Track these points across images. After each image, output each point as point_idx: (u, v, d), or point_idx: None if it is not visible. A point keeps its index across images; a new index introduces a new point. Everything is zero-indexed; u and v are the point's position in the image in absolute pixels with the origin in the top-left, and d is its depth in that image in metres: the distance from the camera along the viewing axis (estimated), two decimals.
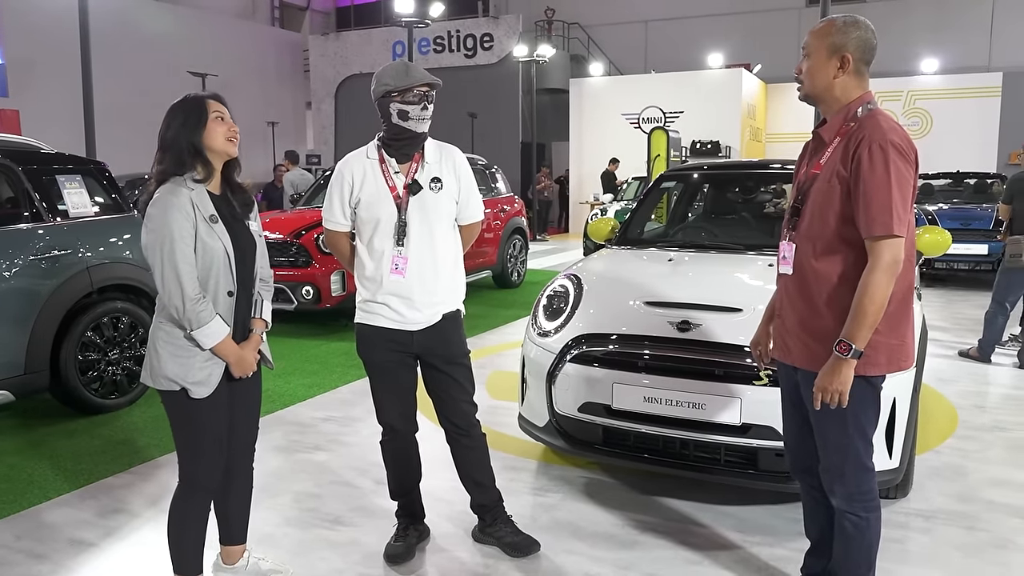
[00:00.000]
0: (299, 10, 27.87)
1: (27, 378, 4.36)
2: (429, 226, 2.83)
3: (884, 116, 2.23)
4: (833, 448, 2.33)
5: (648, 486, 3.66)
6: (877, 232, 2.11)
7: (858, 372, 2.19)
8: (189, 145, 2.32)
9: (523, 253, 10.36)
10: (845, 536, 2.39)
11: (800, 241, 2.31)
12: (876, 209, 2.11)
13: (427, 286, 2.84)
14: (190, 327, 2.30)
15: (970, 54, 19.31)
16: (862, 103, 2.24)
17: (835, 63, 2.23)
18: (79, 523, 3.35)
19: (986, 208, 10.04)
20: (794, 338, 2.36)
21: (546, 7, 22.41)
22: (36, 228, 4.48)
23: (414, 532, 3.11)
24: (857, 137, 2.17)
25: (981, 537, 3.20)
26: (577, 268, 4.16)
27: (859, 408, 2.27)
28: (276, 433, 4.47)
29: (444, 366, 2.92)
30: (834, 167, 2.21)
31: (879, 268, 2.12)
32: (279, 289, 6.95)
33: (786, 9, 21.16)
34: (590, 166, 18.84)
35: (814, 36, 2.28)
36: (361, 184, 2.82)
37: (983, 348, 6.12)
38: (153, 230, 2.28)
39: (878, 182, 2.11)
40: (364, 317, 2.89)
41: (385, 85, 2.76)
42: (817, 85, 2.27)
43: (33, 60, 17.51)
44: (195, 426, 2.43)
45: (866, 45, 2.24)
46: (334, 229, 2.92)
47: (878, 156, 2.12)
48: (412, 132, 2.78)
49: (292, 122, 25.45)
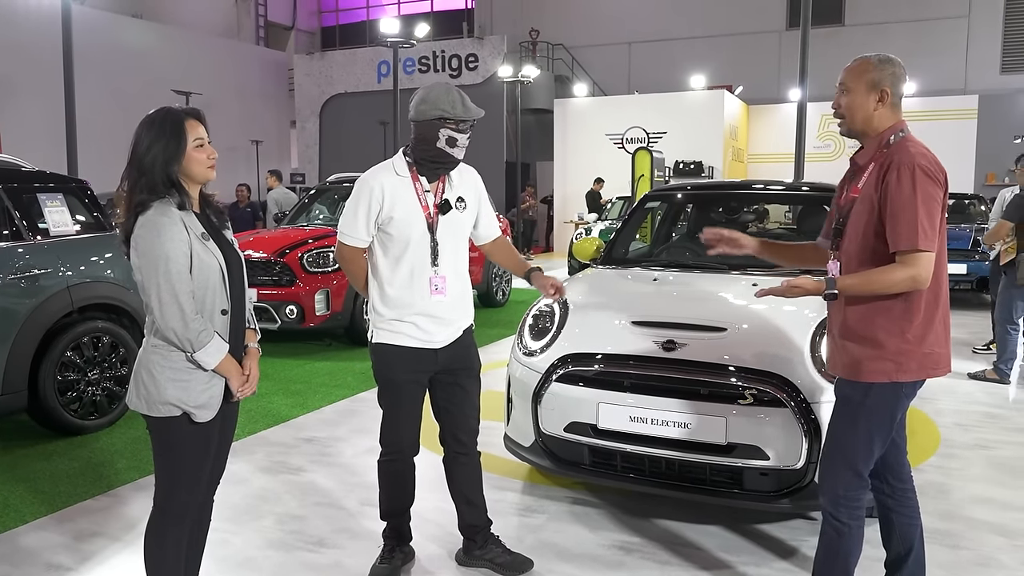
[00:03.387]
0: (284, 29, 27.93)
1: (5, 398, 4.29)
2: (455, 245, 2.87)
3: (914, 142, 2.40)
4: (836, 445, 2.46)
5: (634, 506, 3.65)
6: (903, 247, 2.28)
7: (887, 378, 2.35)
8: (164, 177, 2.24)
9: (508, 272, 10.37)
10: (825, 541, 2.50)
11: (844, 259, 2.47)
12: (904, 226, 2.27)
13: (456, 304, 2.88)
14: (192, 349, 2.23)
15: (946, 77, 19.65)
16: (895, 131, 2.41)
17: (875, 97, 2.39)
18: (56, 547, 3.28)
19: (964, 228, 10.18)
20: (839, 349, 2.48)
21: (531, 28, 22.64)
22: (16, 247, 4.43)
23: (400, 554, 3.08)
24: (888, 161, 2.34)
25: (964, 555, 3.21)
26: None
27: (875, 409, 2.40)
28: (259, 454, 4.42)
29: (464, 380, 2.94)
30: (870, 191, 2.37)
31: (900, 271, 2.29)
32: (262, 308, 6.91)
33: (767, 32, 21.47)
34: (574, 186, 18.93)
35: (851, 73, 2.43)
36: (392, 202, 2.78)
37: (999, 368, 6.11)
38: (146, 252, 2.21)
39: (905, 201, 2.27)
40: (387, 337, 2.85)
41: (441, 111, 2.73)
42: (858, 119, 2.43)
43: (14, 77, 17.38)
44: (182, 454, 2.34)
45: (900, 80, 2.42)
46: (354, 245, 2.86)
47: (906, 177, 2.28)
48: (454, 159, 2.82)
49: (276, 141, 25.41)
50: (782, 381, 3.14)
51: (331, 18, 28.95)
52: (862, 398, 2.40)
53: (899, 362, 2.35)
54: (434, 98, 2.76)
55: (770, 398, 3.12)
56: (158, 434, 2.35)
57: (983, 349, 7.10)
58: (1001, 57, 19.80)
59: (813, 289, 2.38)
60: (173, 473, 2.37)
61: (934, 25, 20.03)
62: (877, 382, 2.38)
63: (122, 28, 20.29)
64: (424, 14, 26.03)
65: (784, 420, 3.09)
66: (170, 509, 2.39)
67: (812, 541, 3.29)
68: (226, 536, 3.33)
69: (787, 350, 3.28)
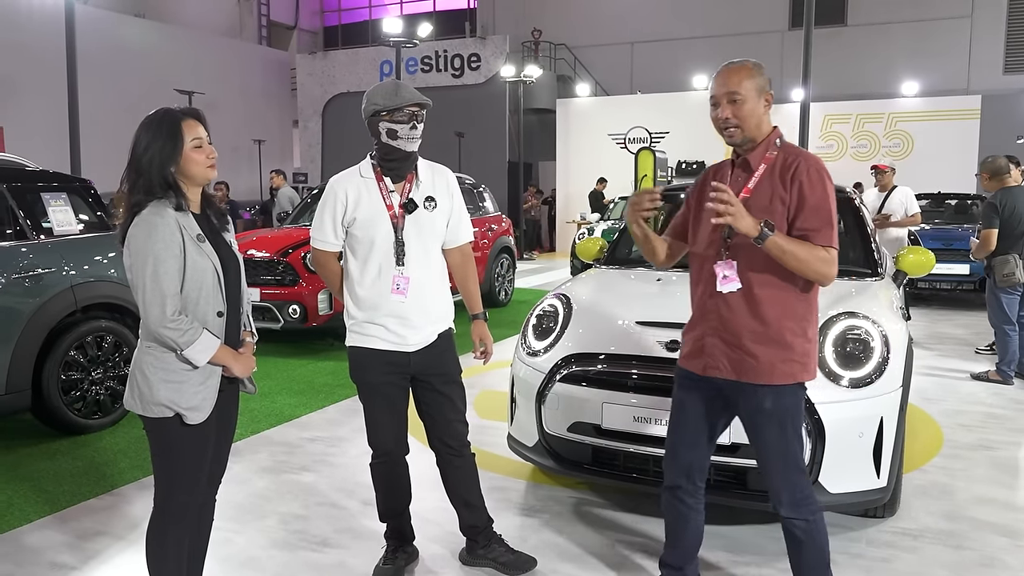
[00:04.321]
0: (286, 29, 27.96)
1: (8, 398, 4.30)
2: (424, 245, 2.83)
3: (796, 146, 2.51)
4: (775, 454, 2.46)
5: (638, 506, 3.65)
6: (824, 245, 2.35)
7: (796, 379, 2.42)
8: (161, 179, 2.25)
9: (511, 272, 10.37)
10: (796, 544, 2.51)
11: (744, 258, 2.43)
12: (824, 225, 2.36)
13: (425, 306, 2.83)
14: (179, 347, 2.24)
15: (949, 77, 19.63)
16: (778, 134, 2.49)
17: (763, 102, 2.45)
18: (59, 546, 3.29)
19: (967, 228, 10.16)
20: (735, 352, 2.44)
21: (533, 28, 22.62)
22: (20, 246, 4.44)
23: (403, 554, 3.07)
24: (791, 163, 2.40)
25: (968, 556, 3.21)
26: (566, 288, 4.16)
27: (794, 411, 2.46)
28: (262, 454, 4.42)
29: (441, 386, 2.90)
30: (771, 192, 2.41)
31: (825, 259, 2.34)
32: (265, 308, 6.92)
33: (770, 32, 21.46)
34: (577, 186, 18.93)
35: (737, 82, 2.40)
36: (356, 203, 2.79)
37: (1002, 370, 6.08)
38: (136, 252, 2.23)
39: (820, 200, 2.36)
40: (358, 339, 2.85)
41: (374, 105, 2.76)
42: (752, 126, 2.44)
43: (18, 77, 17.42)
44: (179, 455, 2.34)
45: (769, 83, 2.48)
46: (324, 249, 2.89)
47: (816, 177, 2.38)
48: (402, 151, 2.79)
49: (279, 140, 25.45)
50: None
51: (333, 17, 28.96)
52: (778, 402, 2.42)
53: (804, 363, 2.43)
54: (370, 94, 2.80)
55: None
56: (154, 435, 2.35)
57: (985, 350, 7.09)
58: (1004, 57, 19.76)
59: (749, 228, 2.29)
60: (171, 473, 2.37)
61: (937, 25, 20.00)
62: (787, 384, 2.41)
63: (125, 27, 20.32)
64: (427, 14, 26.02)
65: None
66: (169, 509, 2.39)
67: None
68: (229, 535, 3.33)
69: None
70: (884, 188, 7.79)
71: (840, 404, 3.15)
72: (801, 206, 2.37)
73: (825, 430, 3.08)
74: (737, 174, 2.52)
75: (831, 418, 3.10)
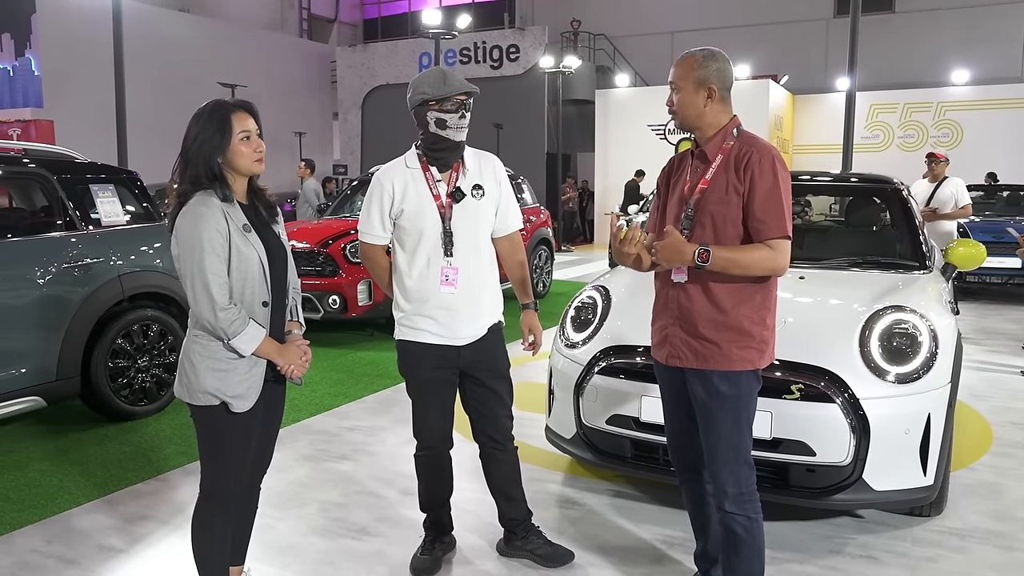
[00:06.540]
0: (327, 22, 28.20)
1: (59, 384, 4.42)
2: (474, 234, 2.79)
3: (755, 135, 2.49)
4: (725, 443, 2.44)
5: (676, 500, 3.61)
6: (775, 234, 2.35)
7: (752, 365, 2.41)
8: (207, 169, 2.27)
9: (549, 264, 10.35)
10: (736, 541, 2.47)
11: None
12: (773, 215, 2.35)
13: (474, 297, 2.80)
14: (226, 337, 2.26)
15: (1002, 65, 19.04)
16: (735, 125, 2.48)
17: (703, 94, 2.42)
18: (108, 529, 3.38)
19: (1020, 221, 9.86)
20: (695, 340, 2.44)
21: (572, 18, 22.47)
22: (69, 236, 4.55)
23: (440, 545, 3.09)
24: (744, 154, 2.40)
25: (1018, 557, 3.12)
26: (605, 280, 4.13)
27: (749, 399, 2.45)
28: (302, 442, 4.49)
29: (489, 381, 2.88)
30: (726, 182, 2.41)
31: (768, 255, 2.34)
32: (305, 298, 7.00)
33: (814, 20, 21.04)
34: (615, 177, 18.80)
35: (678, 71, 2.45)
36: (403, 194, 2.76)
37: None
38: (183, 241, 2.25)
39: (770, 190, 2.35)
40: (408, 333, 2.82)
41: (422, 94, 2.71)
42: (690, 116, 2.46)
43: (67, 71, 17.87)
44: (225, 443, 2.38)
45: (726, 74, 2.45)
46: (372, 243, 2.86)
47: (767, 167, 2.36)
48: (451, 141, 2.75)
49: (319, 132, 25.70)
50: (830, 376, 3.08)
51: (373, 10, 29.13)
52: (736, 390, 2.41)
53: (762, 349, 2.44)
54: (417, 83, 2.75)
55: (817, 393, 3.06)
56: (201, 422, 2.39)
57: None
58: None
59: (684, 252, 2.33)
60: (216, 461, 2.41)
61: (989, 11, 19.40)
62: (744, 370, 2.41)
63: (170, 22, 20.67)
64: (465, 5, 26.00)
65: (832, 415, 3.03)
66: (215, 495, 2.43)
67: (859, 539, 3.25)
68: (270, 522, 3.38)
69: (835, 344, 3.22)
70: (935, 178, 7.59)
71: (886, 400, 3.08)
72: (752, 196, 2.37)
73: (870, 426, 3.02)
74: (696, 165, 2.52)
75: (877, 414, 3.03)
